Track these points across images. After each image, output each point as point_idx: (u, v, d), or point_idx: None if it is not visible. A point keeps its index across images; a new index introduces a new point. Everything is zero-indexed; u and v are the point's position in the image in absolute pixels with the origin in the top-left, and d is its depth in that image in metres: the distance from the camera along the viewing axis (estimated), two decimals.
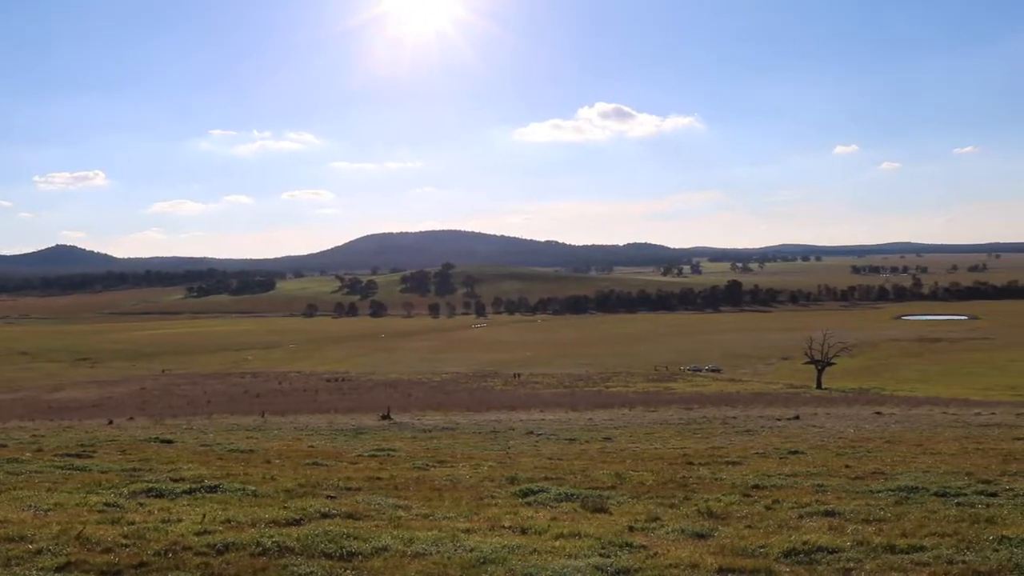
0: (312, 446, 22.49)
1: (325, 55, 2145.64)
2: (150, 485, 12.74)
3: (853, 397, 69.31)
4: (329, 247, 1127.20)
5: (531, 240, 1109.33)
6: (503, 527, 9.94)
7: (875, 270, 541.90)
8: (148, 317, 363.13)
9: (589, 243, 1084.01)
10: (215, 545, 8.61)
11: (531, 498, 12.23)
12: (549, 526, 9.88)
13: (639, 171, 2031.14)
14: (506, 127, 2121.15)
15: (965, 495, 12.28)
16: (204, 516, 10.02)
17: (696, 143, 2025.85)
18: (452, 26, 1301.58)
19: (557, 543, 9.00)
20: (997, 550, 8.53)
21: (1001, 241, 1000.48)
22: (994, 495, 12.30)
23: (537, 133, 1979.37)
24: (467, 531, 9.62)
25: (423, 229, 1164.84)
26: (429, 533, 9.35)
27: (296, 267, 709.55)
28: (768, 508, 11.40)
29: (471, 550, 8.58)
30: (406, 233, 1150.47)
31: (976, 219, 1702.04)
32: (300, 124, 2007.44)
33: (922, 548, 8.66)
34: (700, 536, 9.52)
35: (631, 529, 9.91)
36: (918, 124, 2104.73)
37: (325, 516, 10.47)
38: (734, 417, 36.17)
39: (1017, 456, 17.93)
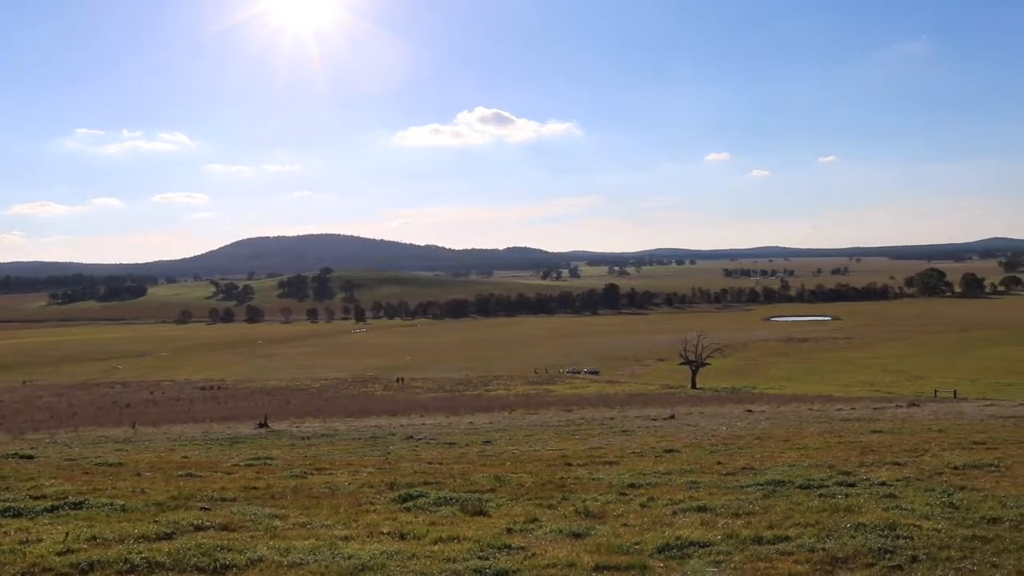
0: (186, 457, 21.81)
1: (201, 54, 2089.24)
2: (7, 504, 12.01)
3: (726, 396, 71.60)
4: (204, 251, 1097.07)
5: (411, 244, 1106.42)
6: (382, 533, 9.87)
7: (746, 273, 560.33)
8: (7, 325, 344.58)
9: (469, 247, 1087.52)
10: (79, 564, 8.23)
11: (410, 503, 12.18)
12: (428, 531, 9.87)
13: (519, 176, 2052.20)
14: (386, 131, 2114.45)
15: (827, 486, 12.85)
16: (67, 534, 9.56)
17: (574, 149, 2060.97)
18: (332, 26, 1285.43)
19: (436, 547, 9.00)
20: (854, 536, 9.00)
21: (861, 246, 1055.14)
22: (852, 485, 12.93)
23: (417, 137, 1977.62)
24: (345, 539, 9.51)
25: (301, 233, 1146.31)
26: (306, 542, 9.20)
27: (169, 272, 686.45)
28: (643, 506, 11.67)
29: (349, 557, 8.50)
30: (284, 237, 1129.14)
31: (838, 225, 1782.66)
32: (173, 124, 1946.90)
33: (787, 538, 9.04)
34: (577, 535, 9.67)
35: (510, 531, 9.99)
36: (786, 134, 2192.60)
37: (198, 529, 10.17)
38: (612, 418, 36.85)
39: (874, 448, 18.86)
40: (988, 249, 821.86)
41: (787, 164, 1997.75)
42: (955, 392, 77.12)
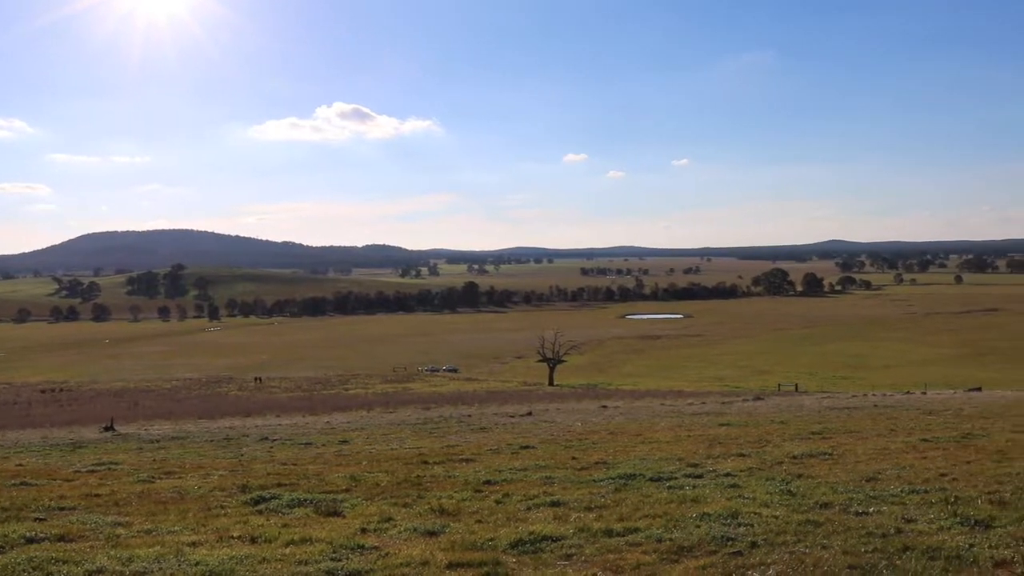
0: (20, 465, 20.60)
1: (45, 39, 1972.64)
2: None
3: (582, 392, 72.96)
4: (45, 246, 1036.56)
5: (267, 241, 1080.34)
6: (232, 538, 9.60)
7: (602, 272, 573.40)
8: None
9: (327, 244, 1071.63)
10: None
11: (262, 506, 11.90)
12: (280, 533, 9.66)
13: (378, 173, 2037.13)
14: (241, 123, 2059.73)
15: (676, 478, 13.28)
16: None
17: (434, 146, 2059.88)
18: (187, 11, 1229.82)
19: (287, 550, 8.82)
20: (699, 526, 9.35)
21: (712, 246, 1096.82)
22: (700, 477, 13.41)
23: (274, 131, 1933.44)
24: (193, 544, 9.20)
25: (151, 228, 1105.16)
26: (151, 550, 8.85)
27: (6, 267, 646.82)
28: (498, 502, 11.77)
29: (196, 564, 8.23)
30: (132, 232, 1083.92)
31: (691, 226, 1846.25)
32: (10, 110, 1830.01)
33: (636, 530, 9.30)
34: (432, 533, 9.67)
35: (364, 531, 9.90)
36: (641, 137, 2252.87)
37: (31, 541, 9.60)
38: (470, 415, 36.95)
39: (721, 440, 19.62)
40: (826, 251, 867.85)
41: (642, 166, 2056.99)
42: (796, 386, 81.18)
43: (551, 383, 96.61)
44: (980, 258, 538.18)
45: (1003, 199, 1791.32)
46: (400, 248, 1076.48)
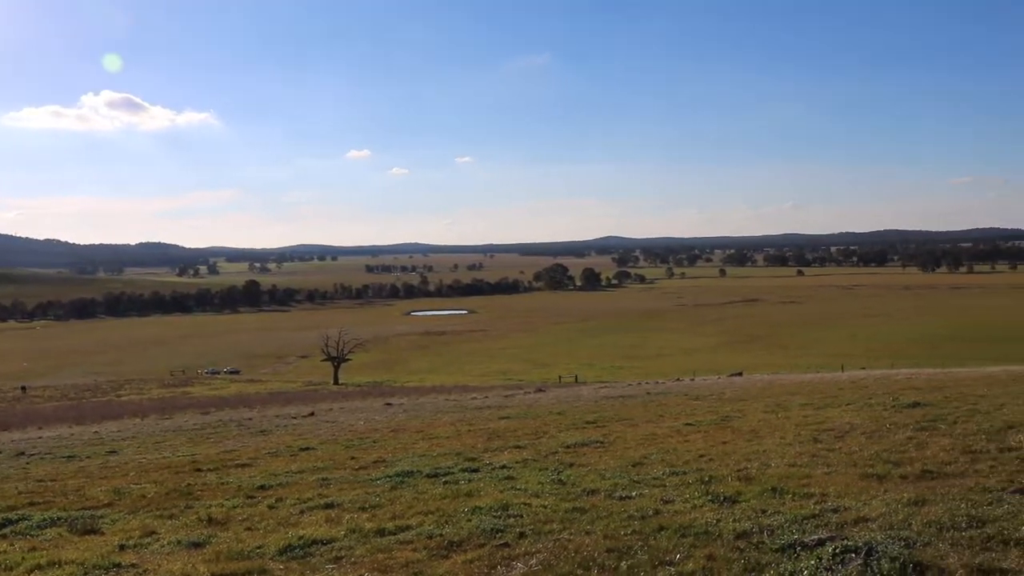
0: None
1: None
2: None
3: (367, 390, 72.48)
4: None
5: (28, 238, 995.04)
6: None
7: (387, 269, 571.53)
8: None
9: (97, 242, 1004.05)
10: None
11: (8, 529, 10.97)
12: (24, 558, 8.92)
13: (152, 167, 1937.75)
14: None
15: (452, 473, 13.41)
16: None
17: (212, 140, 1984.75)
18: None
19: None
20: (470, 519, 9.47)
21: (495, 242, 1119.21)
22: (476, 471, 13.61)
23: (33, 119, 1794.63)
24: None
25: None
26: None
27: None
28: (271, 507, 11.46)
29: None
30: None
31: (474, 222, 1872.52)
32: None
33: (408, 527, 9.32)
34: (197, 545, 9.26)
35: (122, 548, 9.34)
36: (425, 134, 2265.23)
37: None
38: (250, 418, 35.80)
39: (500, 433, 20.01)
40: (604, 247, 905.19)
41: (426, 163, 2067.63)
42: (576, 377, 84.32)
43: (336, 382, 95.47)
44: (740, 252, 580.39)
45: (757, 198, 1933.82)
46: (177, 246, 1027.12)
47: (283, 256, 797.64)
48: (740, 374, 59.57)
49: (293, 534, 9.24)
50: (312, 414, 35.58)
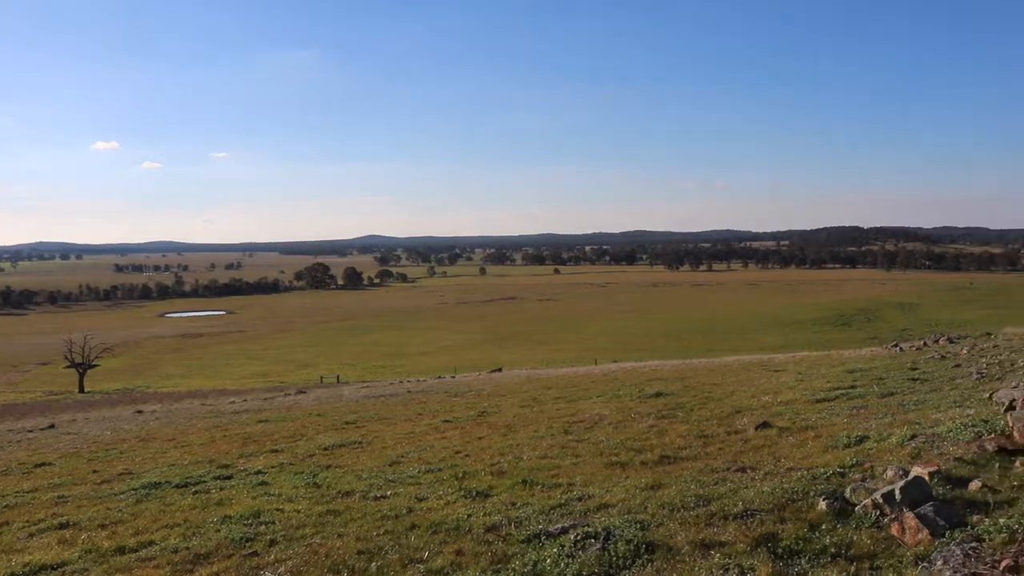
0: None
1: None
2: None
3: (117, 398, 68.27)
4: None
5: None
6: None
7: (139, 269, 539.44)
8: None
9: None
10: None
11: None
12: None
13: None
14: None
15: (204, 482, 12.93)
16: None
17: None
18: None
19: None
20: (219, 530, 9.17)
21: (254, 241, 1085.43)
22: (230, 478, 13.19)
23: None
24: None
25: None
26: None
27: None
28: None
29: None
30: None
31: (232, 220, 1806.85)
32: None
33: (152, 543, 8.89)
34: None
35: None
36: (178, 127, 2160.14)
37: None
38: None
39: (256, 438, 19.49)
40: (366, 245, 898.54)
41: (179, 158, 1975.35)
42: (338, 377, 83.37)
43: (81, 390, 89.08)
44: (501, 251, 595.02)
45: (523, 198, 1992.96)
46: None
47: (20, 254, 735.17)
48: (500, 370, 61.06)
49: (17, 561, 8.56)
50: (52, 426, 33.18)
